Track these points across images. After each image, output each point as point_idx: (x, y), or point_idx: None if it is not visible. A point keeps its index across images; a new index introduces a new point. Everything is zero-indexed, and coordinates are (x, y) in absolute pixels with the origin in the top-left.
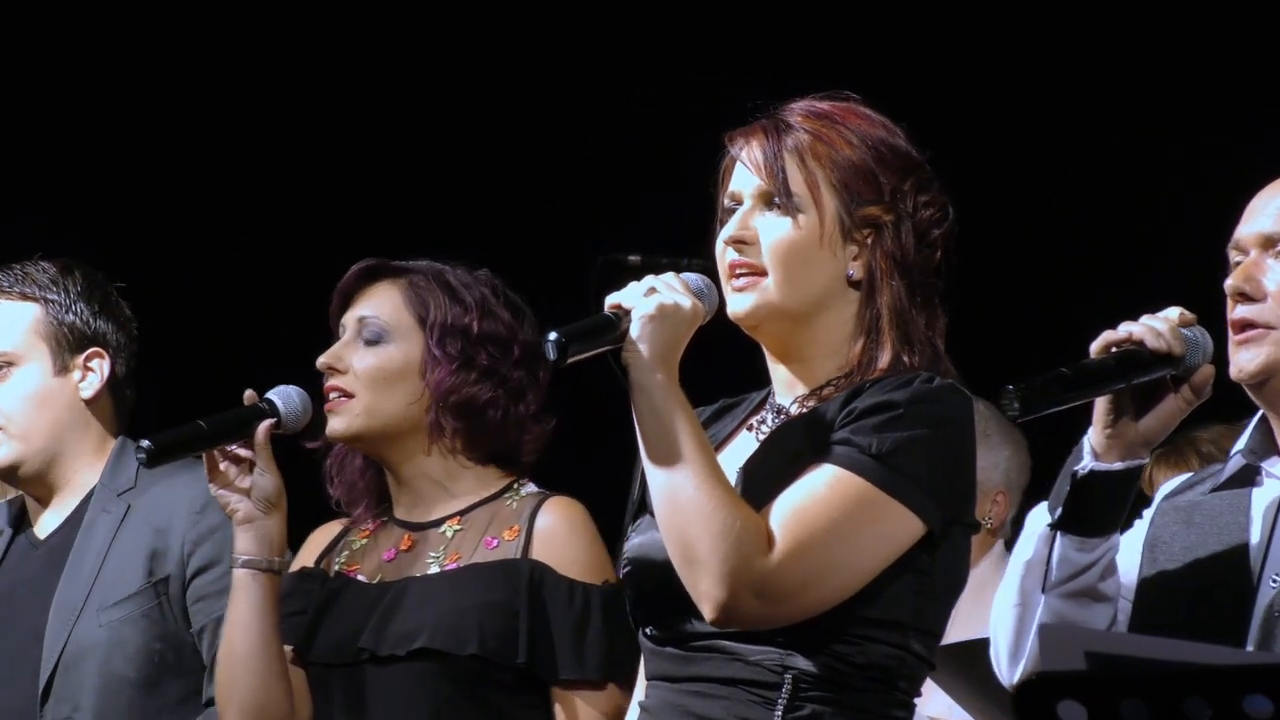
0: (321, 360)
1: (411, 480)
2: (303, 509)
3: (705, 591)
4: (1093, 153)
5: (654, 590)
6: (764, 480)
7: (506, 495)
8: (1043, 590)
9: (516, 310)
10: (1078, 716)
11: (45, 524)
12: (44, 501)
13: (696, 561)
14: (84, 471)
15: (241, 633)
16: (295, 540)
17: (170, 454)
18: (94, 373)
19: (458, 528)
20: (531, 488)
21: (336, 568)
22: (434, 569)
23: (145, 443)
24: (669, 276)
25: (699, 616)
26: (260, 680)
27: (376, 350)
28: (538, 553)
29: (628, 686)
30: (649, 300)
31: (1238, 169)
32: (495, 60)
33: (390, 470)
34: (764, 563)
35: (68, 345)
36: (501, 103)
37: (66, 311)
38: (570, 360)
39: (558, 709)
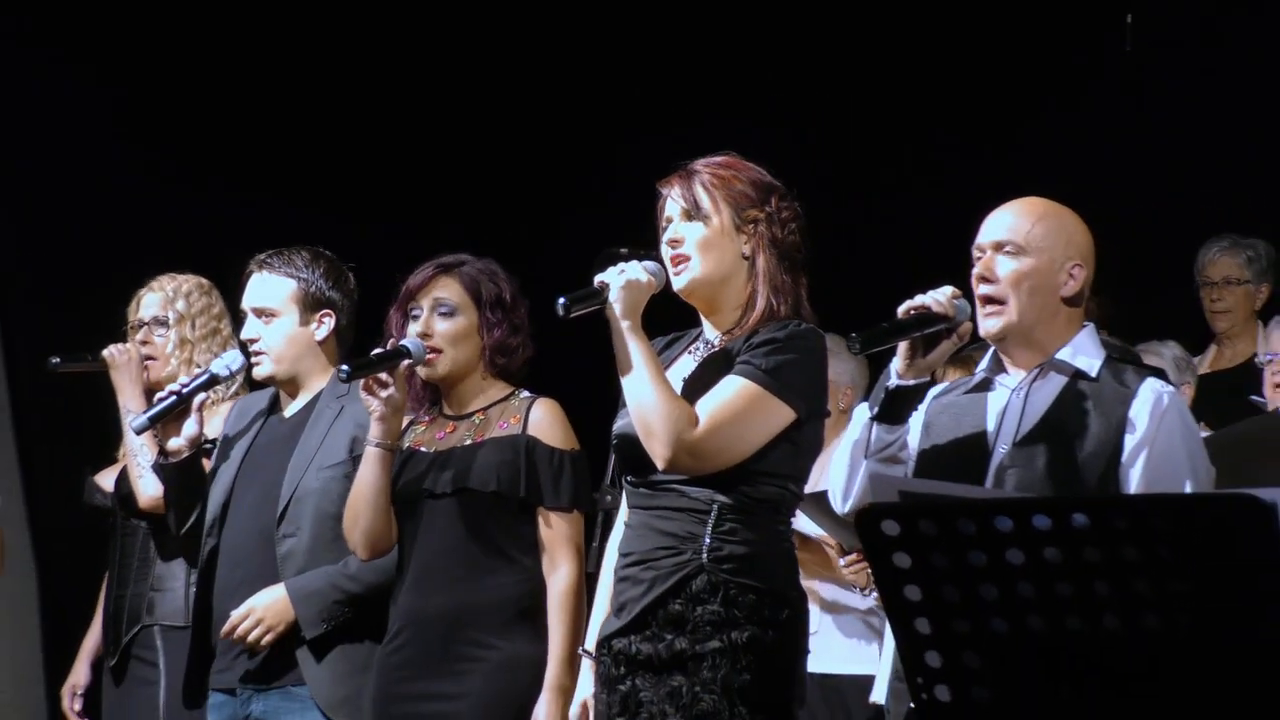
0: (418, 329)
1: (458, 391)
2: None
3: (657, 452)
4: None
5: (631, 453)
6: (698, 385)
7: (511, 398)
8: (864, 457)
9: (516, 284)
10: (894, 530)
11: (290, 409)
12: (291, 395)
13: (651, 434)
14: (316, 382)
15: (367, 487)
16: None
17: (358, 374)
18: (324, 325)
19: (482, 417)
20: (525, 393)
21: (406, 444)
22: (468, 441)
23: (344, 366)
24: (634, 264)
25: (655, 468)
26: (375, 515)
27: (451, 321)
28: (531, 431)
29: (585, 512)
30: (620, 278)
31: (983, 191)
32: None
33: (447, 387)
34: (692, 434)
35: (309, 306)
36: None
37: (311, 285)
38: (572, 315)
39: (541, 523)
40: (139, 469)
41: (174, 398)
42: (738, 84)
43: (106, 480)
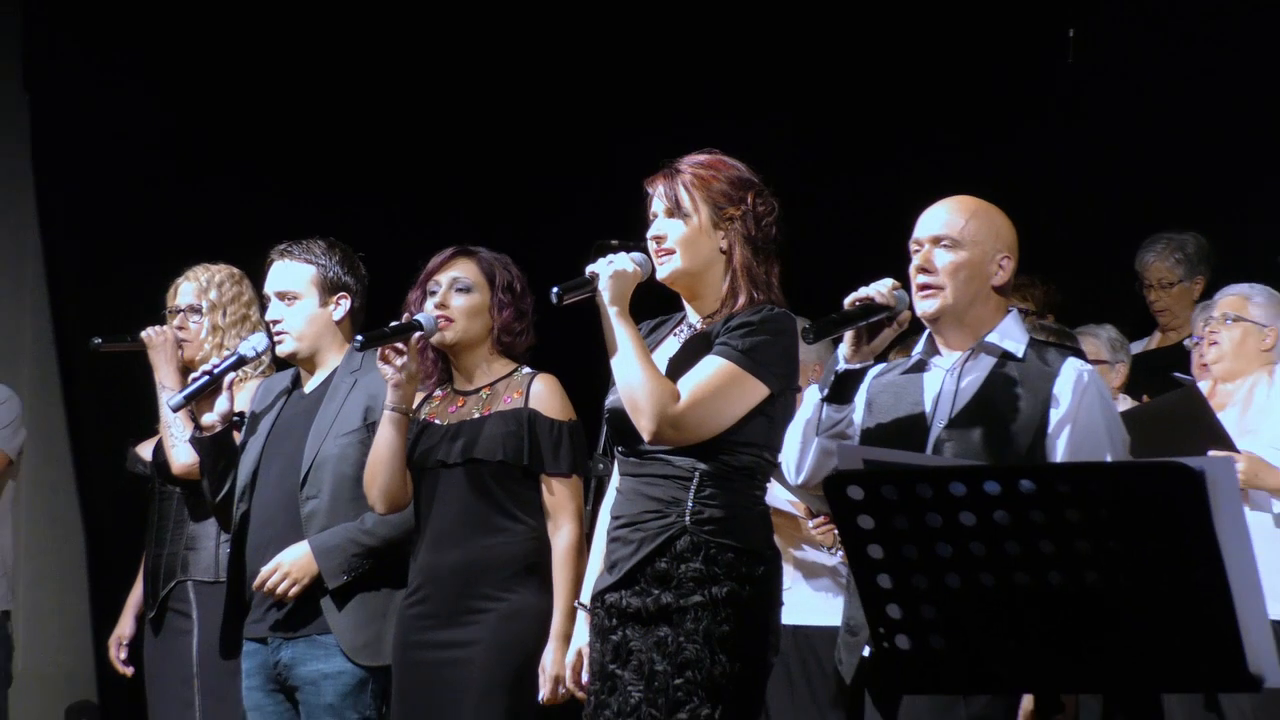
0: (436, 301)
1: (468, 367)
2: None
3: (642, 426)
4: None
5: (621, 426)
6: (680, 364)
7: (514, 374)
8: (815, 434)
9: (525, 279)
10: (859, 494)
11: (309, 384)
12: (310, 372)
13: (637, 409)
14: (332, 359)
15: (384, 448)
16: None
17: (369, 345)
18: (341, 306)
19: (489, 392)
20: (527, 370)
21: (421, 416)
22: (476, 414)
23: (358, 337)
24: (622, 255)
25: (644, 439)
26: (391, 474)
27: (467, 296)
28: (533, 404)
29: (582, 477)
30: (609, 268)
31: (940, 190)
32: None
33: (456, 360)
34: (674, 409)
35: (327, 289)
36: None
37: (328, 270)
38: (564, 303)
39: (544, 488)
40: (173, 440)
41: (206, 378)
42: (718, 82)
43: (145, 450)
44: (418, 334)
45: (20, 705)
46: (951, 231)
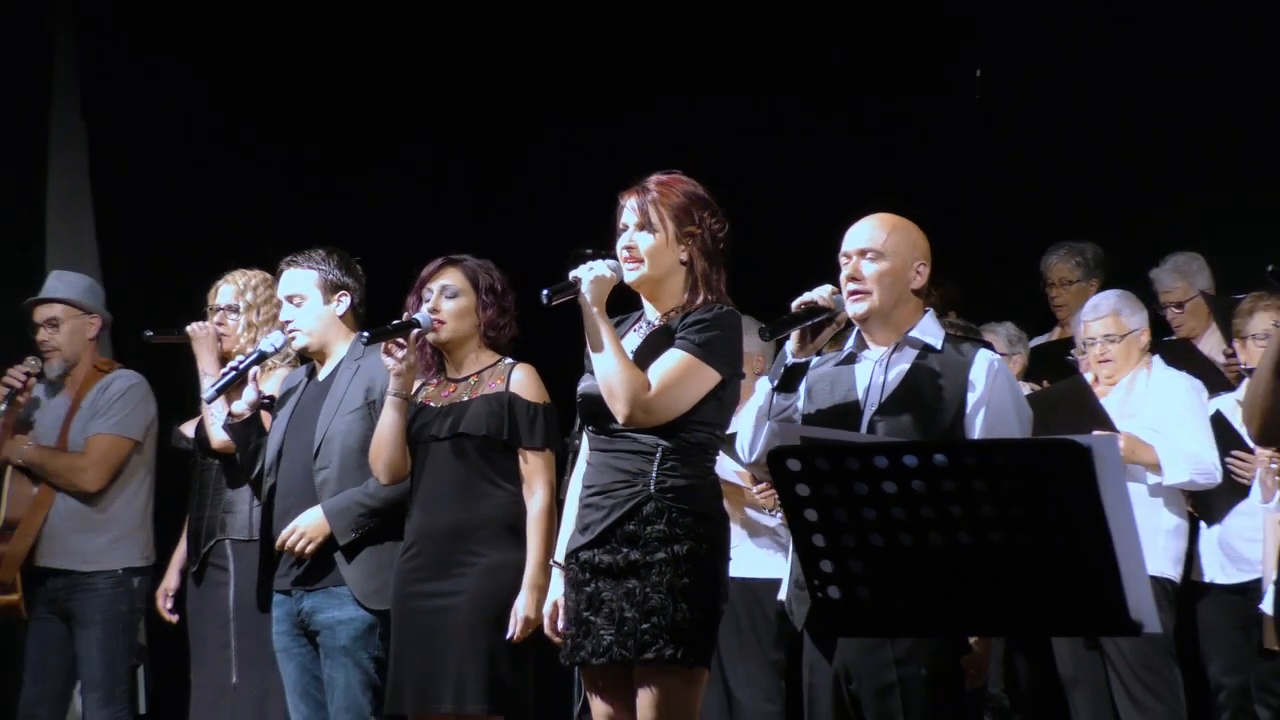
0: (429, 306)
1: (458, 358)
2: None
3: (618, 410)
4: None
5: (593, 408)
6: (644, 355)
7: (498, 364)
8: (767, 419)
9: (506, 279)
10: (797, 466)
11: (321, 373)
12: (321, 362)
13: (614, 395)
14: (338, 349)
15: (387, 428)
16: None
17: (375, 340)
18: (342, 303)
19: (476, 379)
20: (509, 360)
21: (419, 399)
22: (465, 398)
23: (364, 334)
24: (599, 262)
25: (614, 420)
26: (394, 450)
27: (455, 300)
28: (513, 389)
29: (555, 451)
30: (590, 274)
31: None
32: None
33: (449, 353)
34: (646, 395)
35: (329, 289)
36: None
37: (328, 274)
38: (553, 303)
39: (521, 460)
40: (211, 419)
41: (233, 373)
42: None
43: (188, 429)
44: (415, 331)
45: None
46: (875, 245)
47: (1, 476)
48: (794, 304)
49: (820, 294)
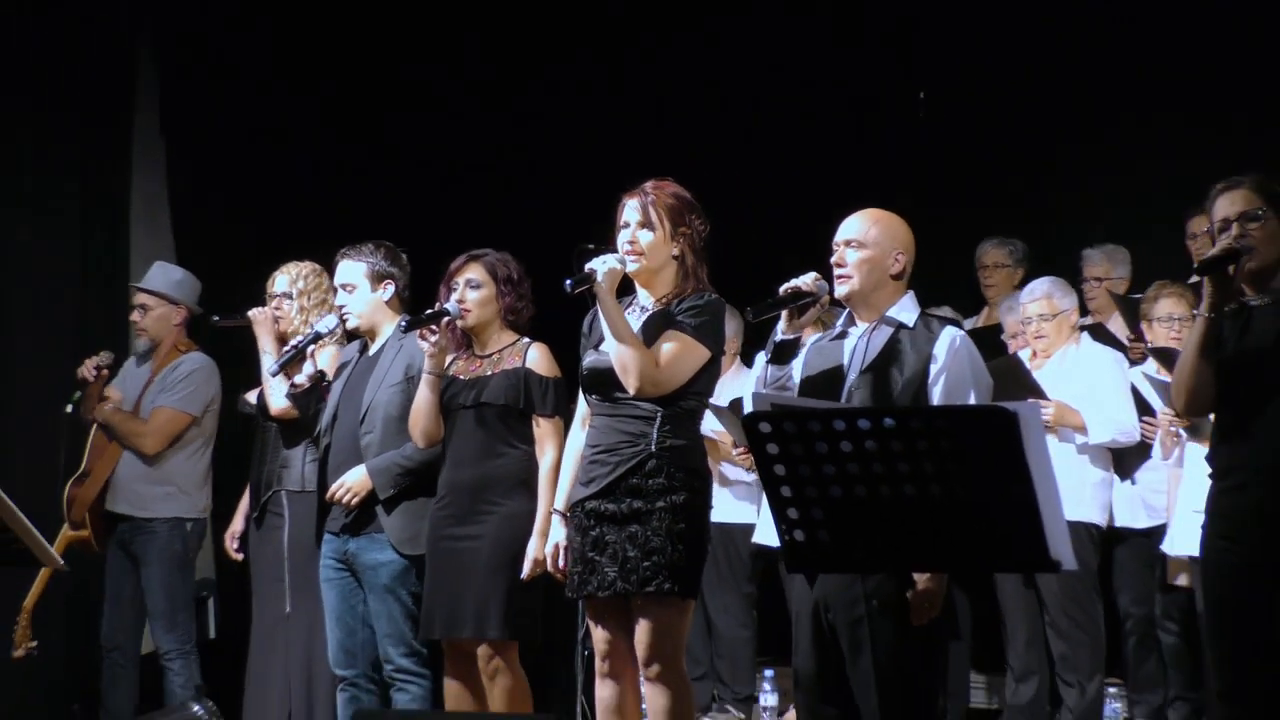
0: (457, 297)
1: (484, 339)
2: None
3: (630, 384)
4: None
5: (599, 379)
6: (648, 336)
7: (517, 343)
8: (763, 388)
9: (523, 268)
10: (767, 428)
11: (371, 350)
12: (371, 340)
13: (627, 371)
14: (386, 329)
15: (423, 401)
16: None
17: (411, 328)
18: (388, 290)
19: (498, 356)
20: (526, 340)
21: (451, 373)
22: (489, 373)
23: (402, 321)
24: (610, 256)
25: (621, 390)
26: (429, 419)
27: (478, 291)
28: (529, 365)
29: (564, 419)
30: (604, 266)
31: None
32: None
33: (475, 335)
34: (655, 370)
35: (376, 278)
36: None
37: (376, 265)
38: (575, 292)
39: (535, 425)
40: (270, 389)
41: (293, 350)
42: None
43: (251, 397)
44: (445, 318)
45: None
46: (858, 235)
47: (89, 431)
48: (781, 289)
49: (805, 280)
